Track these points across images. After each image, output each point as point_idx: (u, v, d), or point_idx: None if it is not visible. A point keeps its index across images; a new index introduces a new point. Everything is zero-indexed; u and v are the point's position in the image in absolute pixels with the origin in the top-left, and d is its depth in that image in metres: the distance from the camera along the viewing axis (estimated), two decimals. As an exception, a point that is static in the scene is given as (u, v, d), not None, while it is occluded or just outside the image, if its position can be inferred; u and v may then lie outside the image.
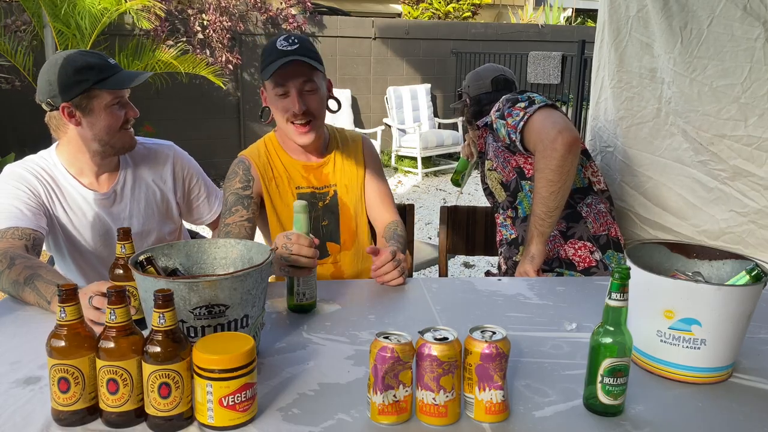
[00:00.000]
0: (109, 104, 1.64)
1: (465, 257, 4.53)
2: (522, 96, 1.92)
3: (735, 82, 1.82)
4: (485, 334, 0.99)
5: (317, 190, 1.85)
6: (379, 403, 0.97)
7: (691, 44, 1.91)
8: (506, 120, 1.88)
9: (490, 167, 2.07)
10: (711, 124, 1.88)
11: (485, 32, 8.46)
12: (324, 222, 1.85)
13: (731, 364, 1.16)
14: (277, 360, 1.20)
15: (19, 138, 5.81)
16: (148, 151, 1.86)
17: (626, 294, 0.99)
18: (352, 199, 1.88)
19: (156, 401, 0.94)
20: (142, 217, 1.82)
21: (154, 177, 1.85)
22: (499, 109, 1.94)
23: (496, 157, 2.03)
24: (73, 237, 1.75)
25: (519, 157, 1.96)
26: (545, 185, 1.74)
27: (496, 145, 2.03)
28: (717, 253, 1.28)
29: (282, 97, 1.71)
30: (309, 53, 1.70)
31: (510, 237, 2.02)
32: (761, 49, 1.76)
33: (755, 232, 1.83)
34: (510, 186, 2.00)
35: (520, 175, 1.97)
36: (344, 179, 1.87)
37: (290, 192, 1.83)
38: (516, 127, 1.84)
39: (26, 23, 5.41)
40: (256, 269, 1.11)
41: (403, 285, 1.61)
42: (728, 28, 1.82)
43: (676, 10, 1.95)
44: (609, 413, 1.02)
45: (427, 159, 7.57)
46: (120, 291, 0.93)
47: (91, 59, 1.64)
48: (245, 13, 6.94)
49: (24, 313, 1.39)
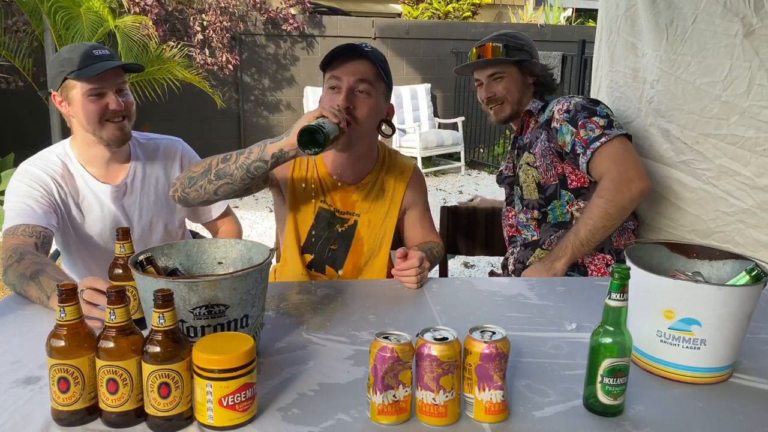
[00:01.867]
0: (85, 94, 1.66)
1: (465, 257, 4.53)
2: (600, 109, 1.85)
3: (716, 79, 1.81)
4: (485, 334, 0.99)
5: (339, 213, 1.75)
6: (379, 403, 0.97)
7: (676, 41, 1.90)
8: (578, 129, 1.81)
9: (530, 162, 1.97)
10: (695, 123, 1.87)
11: (485, 32, 8.38)
12: (333, 245, 1.76)
13: (731, 364, 1.16)
14: (277, 360, 1.19)
15: (19, 138, 5.81)
16: (158, 146, 1.90)
17: (626, 294, 0.99)
18: (370, 236, 1.76)
19: (156, 401, 0.94)
20: (151, 210, 1.86)
21: (163, 171, 1.89)
22: (569, 112, 1.86)
23: (542, 156, 1.94)
24: (82, 231, 1.78)
25: (567, 166, 1.91)
26: (603, 216, 1.73)
27: (548, 145, 1.93)
28: (717, 253, 1.28)
29: (332, 90, 1.60)
30: (378, 62, 1.63)
31: (530, 238, 1.99)
32: (740, 45, 1.74)
33: (743, 232, 1.82)
34: (547, 190, 1.95)
35: (561, 183, 1.93)
36: (370, 213, 1.75)
37: (314, 203, 1.74)
38: (589, 143, 1.79)
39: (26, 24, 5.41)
40: (256, 269, 1.11)
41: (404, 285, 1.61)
42: (710, 25, 1.80)
43: (663, 7, 1.93)
44: (609, 413, 1.02)
45: (427, 159, 7.57)
46: (120, 291, 0.93)
47: (76, 51, 1.67)
48: (245, 13, 6.94)
49: (24, 313, 1.39)
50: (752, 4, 1.69)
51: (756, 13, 1.69)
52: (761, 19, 1.68)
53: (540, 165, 1.94)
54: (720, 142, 1.81)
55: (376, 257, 1.78)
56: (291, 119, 7.42)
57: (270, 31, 7.20)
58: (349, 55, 1.60)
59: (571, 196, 1.91)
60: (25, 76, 5.41)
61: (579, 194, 1.91)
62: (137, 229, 1.85)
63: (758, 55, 1.70)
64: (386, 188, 1.77)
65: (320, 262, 1.77)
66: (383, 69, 1.63)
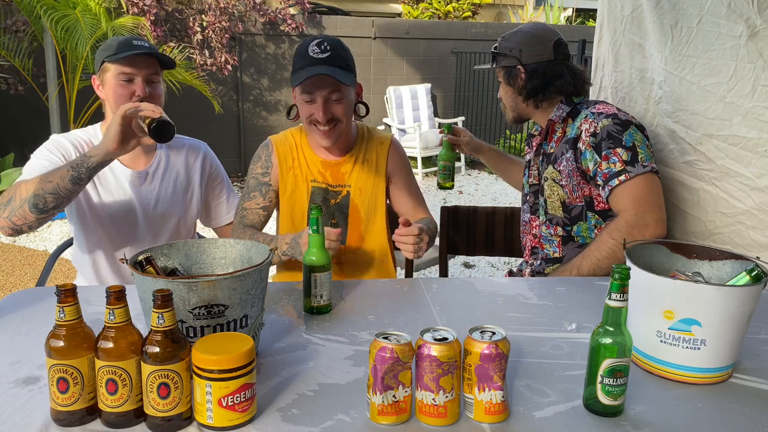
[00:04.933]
0: (116, 77, 1.73)
1: (465, 257, 4.53)
2: (627, 137, 1.74)
3: (721, 80, 1.80)
4: (485, 335, 0.99)
5: (331, 187, 1.87)
6: (379, 403, 0.97)
7: (681, 42, 1.90)
8: (601, 159, 1.75)
9: (555, 179, 1.89)
10: (699, 123, 1.87)
11: (485, 32, 8.46)
12: (333, 220, 1.87)
13: (731, 365, 1.15)
14: (277, 360, 1.19)
15: (19, 138, 5.81)
16: (184, 144, 1.97)
17: (626, 294, 0.99)
18: (364, 203, 1.88)
19: (155, 401, 0.94)
20: (168, 202, 1.90)
21: (185, 167, 1.94)
22: (595, 136, 1.77)
23: (569, 176, 1.85)
24: (96, 206, 1.82)
25: (593, 188, 1.83)
26: (609, 257, 1.70)
27: (575, 165, 1.83)
28: (717, 254, 1.28)
29: (308, 103, 1.73)
30: (340, 62, 1.70)
31: (553, 254, 1.94)
32: (744, 47, 1.74)
33: (743, 233, 1.82)
34: (572, 210, 1.88)
35: (588, 204, 1.86)
36: (360, 182, 1.88)
37: (306, 184, 1.86)
38: (608, 178, 1.73)
39: (26, 24, 5.41)
40: (256, 269, 1.11)
41: (404, 285, 1.62)
42: (715, 26, 1.80)
43: (667, 8, 1.94)
44: (609, 413, 1.02)
45: (427, 159, 7.57)
46: (120, 291, 0.93)
47: (117, 40, 1.76)
48: (244, 13, 6.94)
49: (24, 313, 1.39)
50: (756, 6, 1.69)
51: (760, 14, 1.69)
52: (765, 20, 1.68)
53: (566, 185, 1.86)
54: (722, 143, 1.81)
55: (374, 222, 1.90)
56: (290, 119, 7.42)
57: (269, 32, 7.20)
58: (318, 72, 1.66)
59: (598, 219, 1.86)
60: (25, 77, 5.41)
61: (606, 217, 1.85)
62: (150, 219, 1.87)
63: (762, 56, 1.70)
64: (370, 158, 1.90)
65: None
66: (346, 67, 1.72)
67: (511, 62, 1.91)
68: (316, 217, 1.40)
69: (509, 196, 6.57)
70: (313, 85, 1.69)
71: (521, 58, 1.89)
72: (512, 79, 1.93)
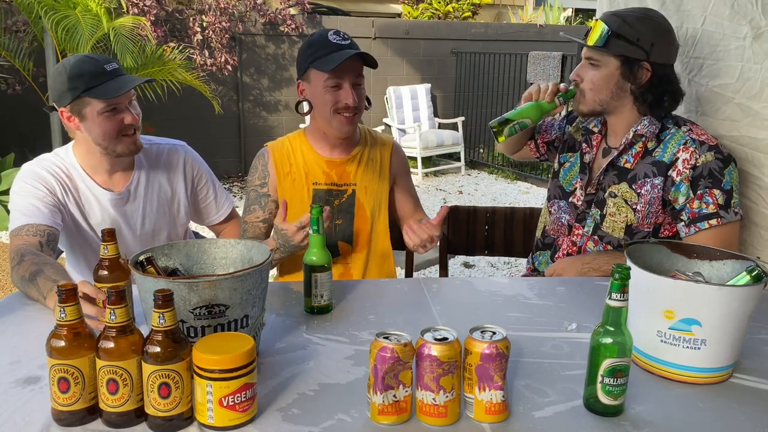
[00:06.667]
0: (101, 111, 1.64)
1: (465, 257, 4.53)
2: (727, 179, 1.61)
3: (729, 81, 1.81)
4: (485, 335, 0.99)
5: (336, 186, 1.85)
6: (379, 403, 0.97)
7: (687, 44, 1.91)
8: (694, 195, 1.62)
9: (628, 200, 1.71)
10: (709, 125, 1.87)
11: (485, 32, 8.47)
12: (338, 221, 1.86)
13: (731, 365, 1.16)
14: (277, 360, 1.20)
15: (19, 139, 5.80)
16: (161, 152, 1.89)
17: (626, 294, 0.99)
18: (369, 201, 1.88)
19: (156, 401, 0.94)
20: (154, 217, 1.86)
21: (167, 177, 1.89)
22: (695, 169, 1.62)
23: (648, 203, 1.69)
24: (86, 234, 1.79)
25: (666, 216, 1.71)
26: None
27: (660, 194, 1.68)
28: (717, 254, 1.28)
29: (334, 89, 1.71)
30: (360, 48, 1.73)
31: None
32: (750, 48, 1.74)
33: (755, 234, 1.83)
34: (636, 235, 1.72)
35: (654, 231, 1.73)
36: (365, 180, 1.87)
37: (306, 188, 1.84)
38: (697, 219, 1.61)
39: (26, 24, 5.41)
40: (256, 269, 1.11)
41: (404, 285, 1.63)
42: (719, 27, 1.81)
43: (672, 9, 1.94)
44: (609, 413, 1.02)
45: (427, 159, 7.56)
46: (120, 291, 0.93)
47: (85, 66, 1.63)
48: (244, 14, 6.94)
49: (24, 313, 1.39)
50: (759, 6, 1.69)
51: (764, 15, 1.69)
52: None
53: (641, 210, 1.70)
54: (732, 143, 1.81)
55: (379, 221, 1.90)
56: (290, 119, 7.43)
57: (269, 32, 7.20)
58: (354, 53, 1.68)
59: None
60: (26, 77, 5.40)
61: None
62: (140, 237, 1.85)
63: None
64: (374, 158, 1.90)
65: (331, 239, 1.81)
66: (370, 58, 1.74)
67: (636, 54, 1.63)
68: (316, 217, 1.40)
69: (509, 196, 6.57)
70: (343, 69, 1.68)
71: (651, 53, 1.62)
72: (631, 72, 1.65)
